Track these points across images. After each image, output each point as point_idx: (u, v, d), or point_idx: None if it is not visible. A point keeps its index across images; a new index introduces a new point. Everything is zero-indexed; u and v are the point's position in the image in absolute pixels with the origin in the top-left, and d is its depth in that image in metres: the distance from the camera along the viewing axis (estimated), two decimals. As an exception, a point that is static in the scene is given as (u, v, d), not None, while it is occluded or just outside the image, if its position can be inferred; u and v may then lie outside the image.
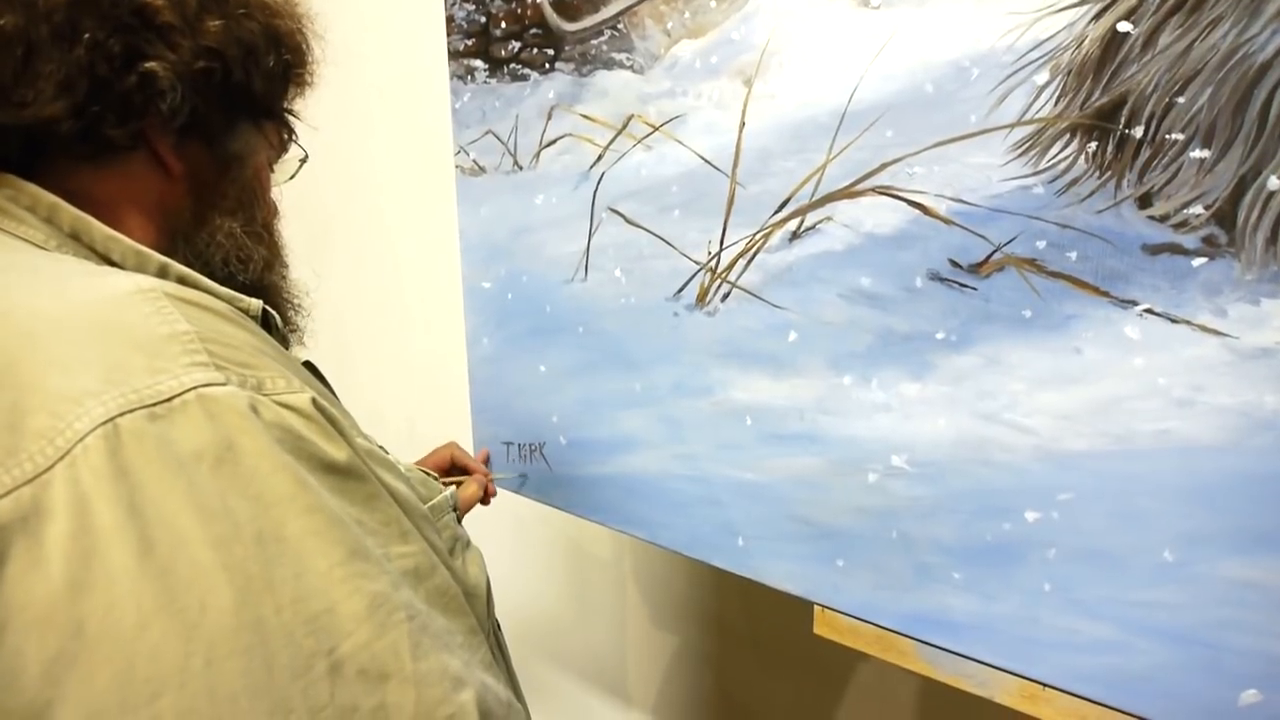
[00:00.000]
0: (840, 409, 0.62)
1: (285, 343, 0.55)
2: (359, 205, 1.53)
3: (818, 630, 0.66)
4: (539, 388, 0.85)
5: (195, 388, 0.39)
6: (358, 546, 0.40)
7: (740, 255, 0.67)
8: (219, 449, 0.38)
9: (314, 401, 0.43)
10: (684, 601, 1.21)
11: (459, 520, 0.63)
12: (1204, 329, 0.47)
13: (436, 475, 0.65)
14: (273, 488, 0.39)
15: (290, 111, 0.59)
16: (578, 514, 0.84)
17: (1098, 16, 0.49)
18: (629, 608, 1.29)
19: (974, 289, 0.55)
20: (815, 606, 0.66)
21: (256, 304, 0.51)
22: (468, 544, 0.61)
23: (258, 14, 0.53)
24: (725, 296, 0.68)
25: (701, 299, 0.70)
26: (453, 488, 0.63)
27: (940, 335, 0.57)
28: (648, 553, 1.22)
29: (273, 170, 0.61)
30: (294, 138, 0.61)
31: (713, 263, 0.69)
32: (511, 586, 1.47)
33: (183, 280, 0.48)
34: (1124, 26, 0.48)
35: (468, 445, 0.95)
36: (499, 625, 0.67)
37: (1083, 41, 0.50)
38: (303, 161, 0.64)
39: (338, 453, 0.42)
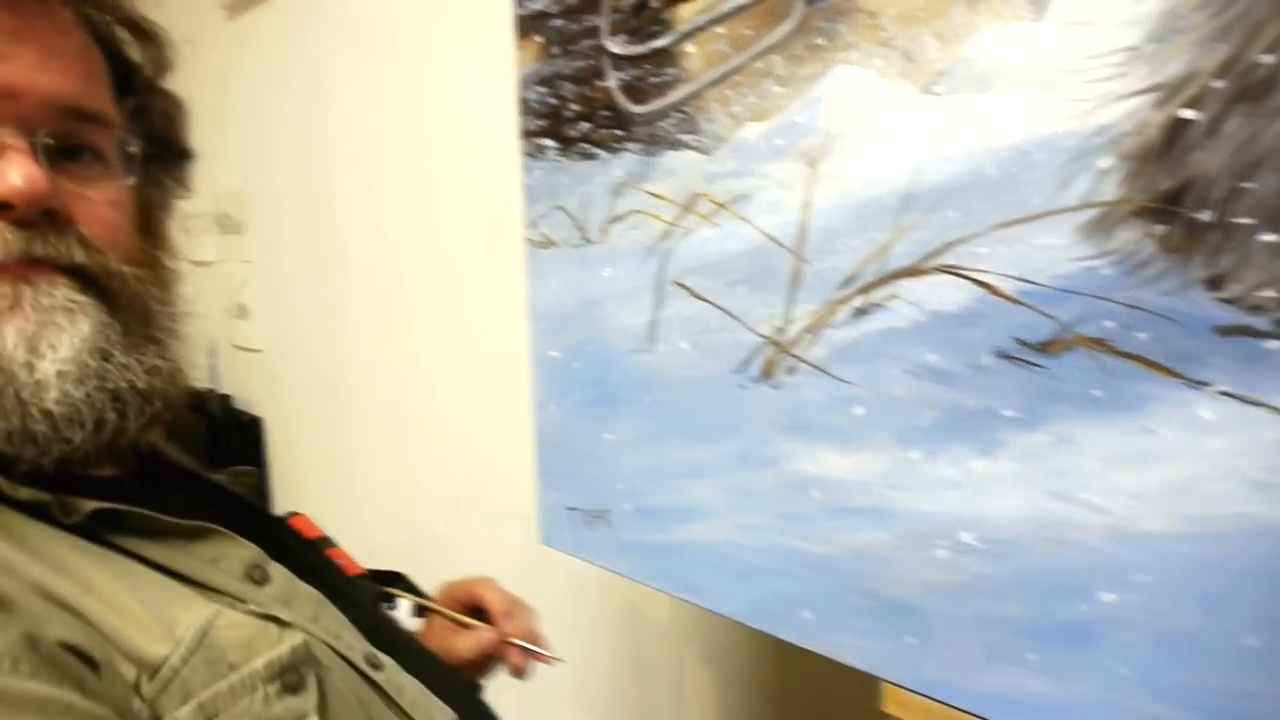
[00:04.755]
0: (908, 484, 0.63)
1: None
2: (429, 271, 1.59)
3: (887, 708, 0.66)
4: (605, 455, 0.86)
5: None
6: None
7: (806, 330, 0.68)
8: None
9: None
10: (745, 671, 1.19)
11: (368, 666, 0.53)
12: (1281, 411, 0.47)
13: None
14: None
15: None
16: (641, 581, 0.85)
17: (1160, 104, 0.50)
18: (687, 675, 1.28)
19: (1043, 367, 0.55)
20: (883, 683, 0.66)
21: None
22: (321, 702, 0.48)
23: None
24: (791, 370, 0.70)
25: (767, 372, 0.72)
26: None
27: (1009, 413, 0.57)
28: (707, 620, 1.21)
29: None
30: None
31: (778, 337, 0.70)
32: (566, 650, 1.47)
33: None
34: (1187, 114, 0.49)
35: (530, 511, 0.96)
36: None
37: (1145, 128, 0.51)
38: None
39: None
